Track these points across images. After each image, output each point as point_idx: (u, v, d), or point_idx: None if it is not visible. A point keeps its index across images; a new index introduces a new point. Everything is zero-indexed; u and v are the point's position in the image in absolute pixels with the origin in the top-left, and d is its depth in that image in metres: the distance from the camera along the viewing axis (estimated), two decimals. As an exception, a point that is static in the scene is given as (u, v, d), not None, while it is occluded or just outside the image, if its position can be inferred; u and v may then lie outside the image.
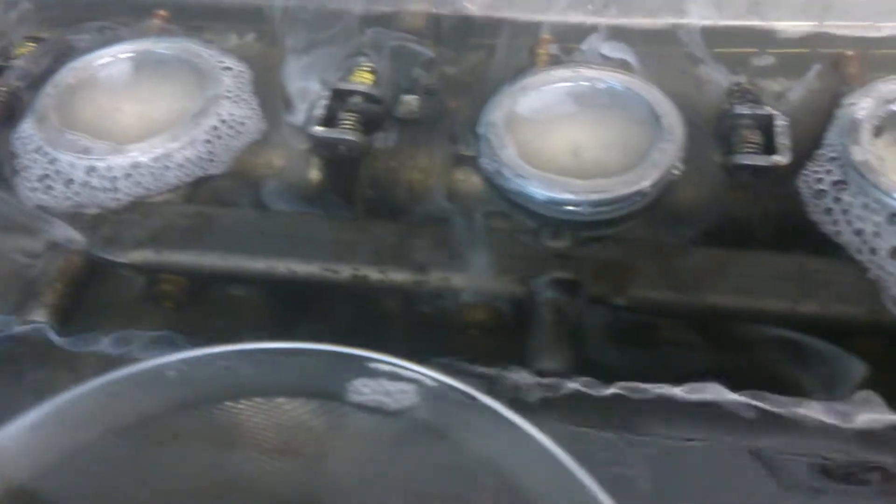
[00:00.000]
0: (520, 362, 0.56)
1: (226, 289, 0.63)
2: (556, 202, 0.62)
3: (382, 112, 0.70)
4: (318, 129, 0.68)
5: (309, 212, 0.65)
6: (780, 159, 0.64)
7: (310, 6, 0.78)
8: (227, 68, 0.71)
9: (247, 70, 0.72)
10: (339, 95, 0.70)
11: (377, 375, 0.51)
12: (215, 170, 0.67)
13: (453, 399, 0.51)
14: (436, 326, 0.60)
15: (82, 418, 0.49)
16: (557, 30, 0.77)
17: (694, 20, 0.76)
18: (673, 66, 0.73)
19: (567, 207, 0.62)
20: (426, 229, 0.63)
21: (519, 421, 0.49)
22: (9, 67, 0.75)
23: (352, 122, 0.68)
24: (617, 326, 0.58)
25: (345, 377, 0.52)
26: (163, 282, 0.62)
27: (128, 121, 0.70)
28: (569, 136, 0.67)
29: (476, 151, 0.66)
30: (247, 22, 0.81)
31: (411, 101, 0.71)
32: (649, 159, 0.63)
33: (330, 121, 0.69)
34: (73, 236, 0.62)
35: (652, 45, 0.75)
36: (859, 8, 0.77)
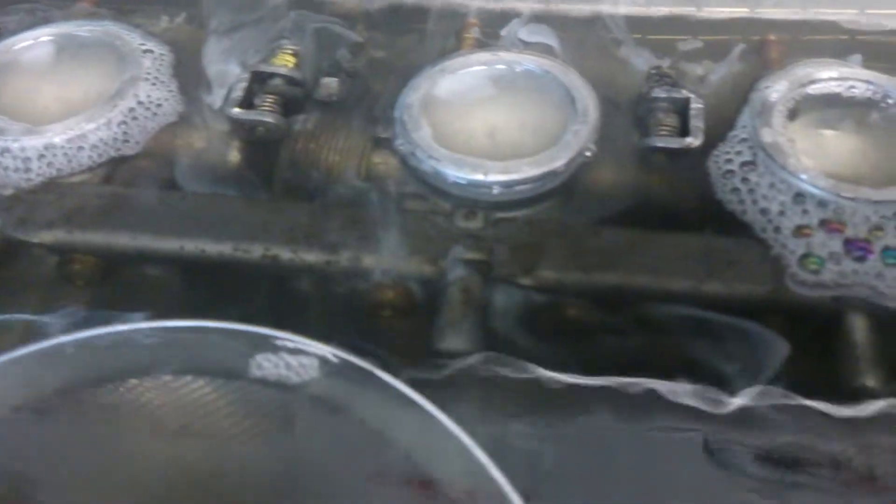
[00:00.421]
0: (427, 341, 0.56)
1: (139, 269, 0.63)
2: (469, 183, 0.62)
3: (302, 94, 0.70)
4: (236, 111, 0.67)
5: (223, 193, 0.65)
6: (692, 141, 0.64)
7: (240, -12, 0.77)
8: (147, 51, 0.71)
9: (168, 53, 0.72)
10: (259, 78, 0.70)
11: (279, 351, 0.52)
12: (130, 151, 0.66)
13: (353, 376, 0.51)
14: (347, 306, 0.60)
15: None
16: (484, 15, 0.77)
17: (622, 8, 0.77)
18: (596, 51, 0.73)
19: (479, 189, 0.62)
20: (340, 210, 0.63)
21: (417, 397, 0.50)
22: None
23: (270, 104, 0.68)
24: (526, 307, 0.59)
25: (247, 354, 0.52)
26: (75, 261, 0.62)
27: (46, 103, 0.69)
28: (485, 119, 0.67)
29: (392, 134, 0.66)
30: (179, 5, 0.81)
31: (331, 83, 0.70)
32: (562, 141, 0.63)
33: (248, 103, 0.68)
34: (-13, 217, 0.62)
35: (578, 31, 0.75)
36: (789, -7, 0.77)
